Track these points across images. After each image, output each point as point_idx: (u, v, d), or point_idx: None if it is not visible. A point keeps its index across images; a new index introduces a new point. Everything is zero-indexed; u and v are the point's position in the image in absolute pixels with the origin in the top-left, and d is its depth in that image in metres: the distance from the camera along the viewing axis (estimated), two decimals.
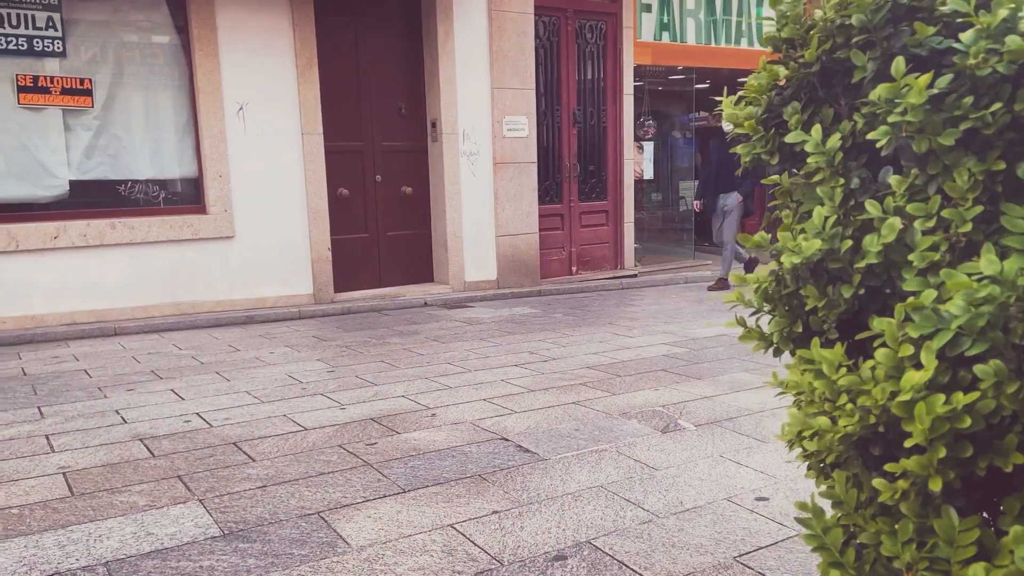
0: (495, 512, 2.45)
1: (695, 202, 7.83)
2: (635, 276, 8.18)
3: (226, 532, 2.34)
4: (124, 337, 5.45)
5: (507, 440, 3.15)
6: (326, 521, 2.41)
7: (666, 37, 8.55)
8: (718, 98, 1.50)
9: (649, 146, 9.18)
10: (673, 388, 3.94)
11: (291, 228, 6.39)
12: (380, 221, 7.05)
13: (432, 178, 7.20)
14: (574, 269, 8.19)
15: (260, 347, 5.12)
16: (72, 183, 5.65)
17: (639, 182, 8.93)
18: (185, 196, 6.09)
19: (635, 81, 8.42)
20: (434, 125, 7.08)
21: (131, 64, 5.80)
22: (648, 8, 8.36)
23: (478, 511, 2.46)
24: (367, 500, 2.56)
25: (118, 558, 2.18)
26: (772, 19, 1.39)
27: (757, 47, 9.21)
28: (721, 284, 7.56)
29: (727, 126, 7.65)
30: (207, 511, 2.49)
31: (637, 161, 8.75)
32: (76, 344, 5.22)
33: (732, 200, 7.36)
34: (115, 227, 5.67)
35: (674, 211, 10.47)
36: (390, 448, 3.08)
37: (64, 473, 2.83)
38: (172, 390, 4.03)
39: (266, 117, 6.19)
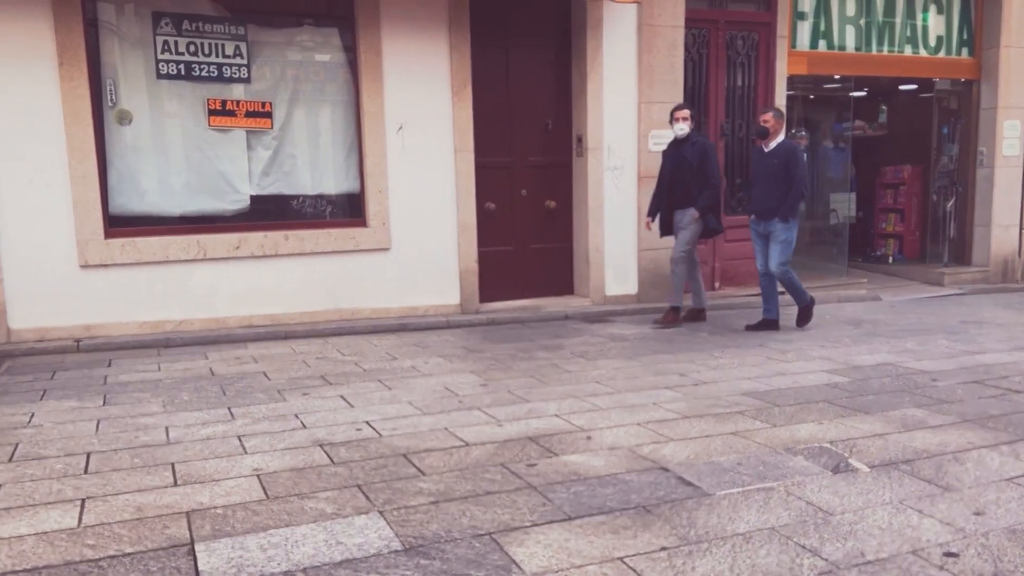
0: (664, 548, 2.45)
1: (646, 219, 6.70)
2: (782, 294, 7.86)
3: (407, 547, 2.48)
4: (294, 340, 5.88)
5: (667, 471, 3.13)
6: (498, 544, 2.50)
7: (822, 45, 8.16)
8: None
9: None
10: (839, 423, 3.77)
11: (441, 241, 6.65)
12: (524, 234, 7.19)
13: (575, 192, 7.26)
14: (717, 285, 7.98)
15: (415, 356, 5.37)
16: (252, 198, 6.18)
17: None
18: (348, 210, 6.49)
19: (787, 91, 8.10)
20: (579, 140, 7.14)
21: (305, 88, 6.26)
22: (804, 16, 8.02)
23: (647, 546, 2.47)
24: (535, 525, 2.64)
25: (314, 565, 2.36)
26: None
27: (923, 53, 8.62)
28: (671, 317, 6.46)
29: (680, 129, 6.99)
30: (387, 523, 2.64)
31: None
32: (253, 346, 5.68)
33: (687, 217, 6.36)
34: (288, 238, 6.13)
35: (824, 224, 9.97)
36: (550, 471, 3.14)
37: (258, 476, 3.09)
38: (341, 396, 4.30)
39: (422, 136, 6.48)
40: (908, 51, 8.61)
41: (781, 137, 6.13)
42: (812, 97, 9.59)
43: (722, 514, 2.71)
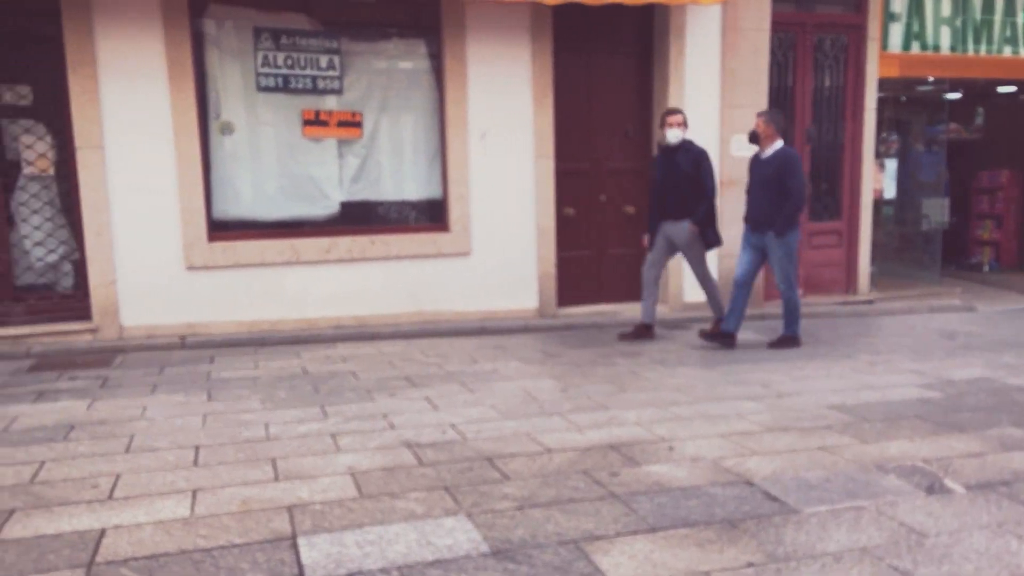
0: (751, 565, 2.46)
1: (644, 237, 6.22)
2: (870, 303, 7.62)
3: (494, 550, 2.57)
4: (379, 341, 6.08)
5: (752, 485, 3.12)
6: (583, 552, 2.56)
7: (916, 47, 7.85)
8: None
9: (892, 163, 8.49)
10: (932, 440, 3.66)
11: (521, 246, 6.75)
12: (602, 239, 7.22)
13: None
14: (800, 292, 7.78)
15: (495, 359, 5.47)
16: (342, 204, 6.43)
17: (877, 201, 8.28)
18: (431, 215, 6.67)
19: (877, 93, 7.84)
20: (660, 147, 7.09)
21: (393, 97, 6.46)
22: (896, 17, 7.73)
23: (733, 562, 2.48)
24: (619, 535, 2.68)
25: (408, 563, 2.48)
26: None
27: (1023, 54, 8.19)
28: (641, 331, 6.06)
29: (673, 136, 6.51)
30: (475, 526, 2.74)
31: (877, 179, 8.12)
32: (342, 346, 5.91)
33: (682, 232, 5.88)
34: (374, 243, 6.35)
35: (915, 231, 9.58)
36: (633, 480, 3.18)
37: (352, 474, 3.25)
38: (426, 398, 4.44)
39: (504, 142, 6.60)
40: (1007, 52, 8.17)
41: (778, 143, 5.62)
42: (904, 99, 9.24)
43: (811, 532, 2.69)
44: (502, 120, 6.58)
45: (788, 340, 5.87)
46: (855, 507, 2.89)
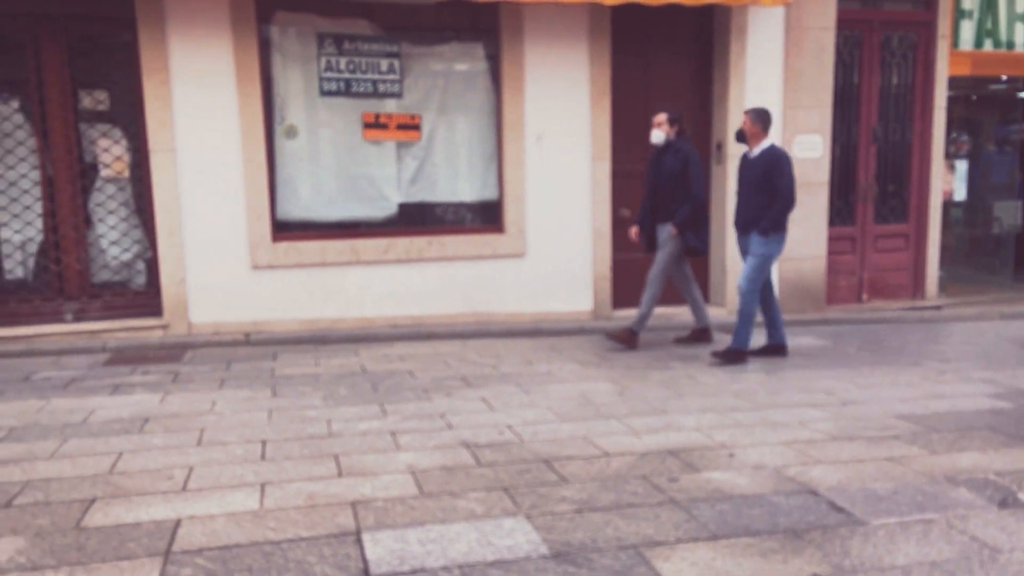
0: None
1: (632, 228, 6.02)
2: (938, 308, 7.37)
3: (554, 553, 2.58)
4: (435, 341, 6.16)
5: (816, 494, 3.06)
6: (644, 557, 2.55)
7: (988, 44, 7.56)
8: None
9: (962, 164, 8.19)
10: (1005, 452, 3.52)
11: (576, 247, 6.74)
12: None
13: (713, 200, 7.13)
14: (864, 297, 7.59)
15: (551, 361, 5.49)
16: (400, 205, 6.53)
17: (946, 203, 8.00)
18: (486, 217, 6.72)
19: (947, 92, 7.57)
20: (719, 147, 7.01)
21: (450, 101, 6.54)
22: (967, 14, 7.46)
23: (798, 573, 2.44)
24: (680, 541, 2.67)
25: (469, 563, 2.51)
26: None
27: None
28: (626, 336, 5.82)
29: (656, 136, 6.13)
30: (534, 528, 2.76)
31: (946, 180, 7.85)
32: (399, 344, 6.01)
33: (665, 233, 5.73)
34: (431, 244, 6.43)
35: (986, 234, 9.21)
36: (693, 487, 3.15)
37: (412, 472, 3.30)
38: (482, 399, 4.49)
39: (560, 144, 6.60)
40: None
41: (767, 142, 5.35)
42: (975, 98, 8.90)
43: (878, 544, 2.63)
44: (558, 122, 6.59)
45: (735, 354, 5.37)
46: (924, 520, 2.81)
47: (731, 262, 7.01)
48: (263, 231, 6.13)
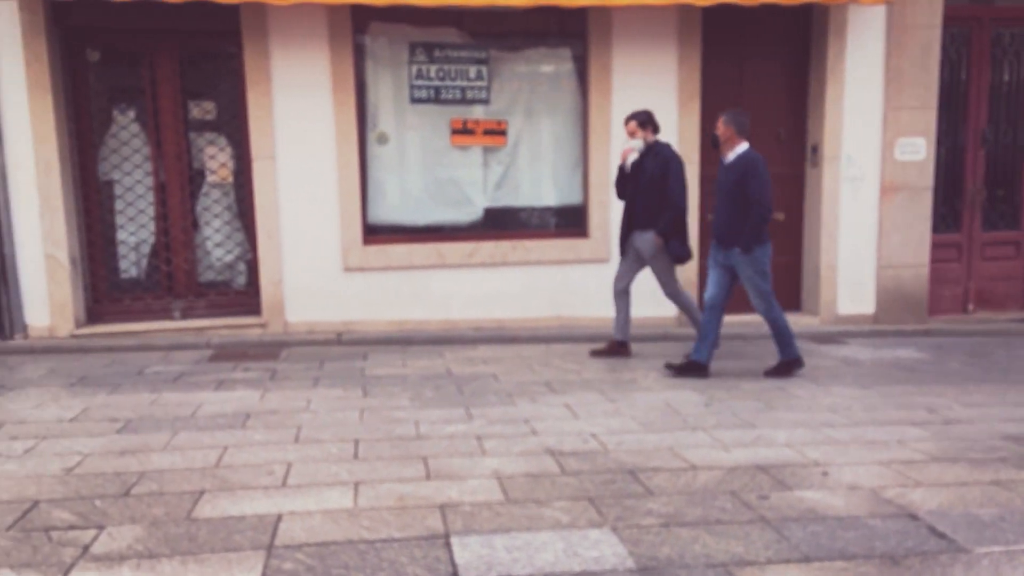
0: None
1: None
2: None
3: (641, 567, 2.57)
4: (518, 345, 6.22)
5: (916, 519, 2.94)
6: None
7: None
8: None
9: None
10: None
11: None
12: None
13: (808, 204, 6.92)
14: (970, 307, 7.18)
15: (634, 368, 5.45)
16: (485, 210, 6.63)
17: None
18: (570, 222, 6.73)
19: None
20: (815, 150, 6.78)
21: (537, 106, 6.59)
22: None
23: None
24: (770, 562, 2.61)
25: (555, 573, 2.53)
26: None
27: None
28: (614, 348, 5.67)
29: (636, 144, 5.39)
30: (620, 541, 2.76)
31: None
32: (483, 347, 6.10)
33: (647, 242, 5.42)
34: (515, 248, 6.50)
35: None
36: (784, 505, 3.08)
37: (497, 477, 3.35)
38: (566, 405, 4.50)
39: None
40: None
41: (741, 147, 5.04)
42: None
43: (981, 574, 2.50)
44: None
45: (788, 365, 5.20)
46: None
47: (825, 270, 6.78)
48: (355, 234, 6.34)
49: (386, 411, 4.33)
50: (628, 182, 5.53)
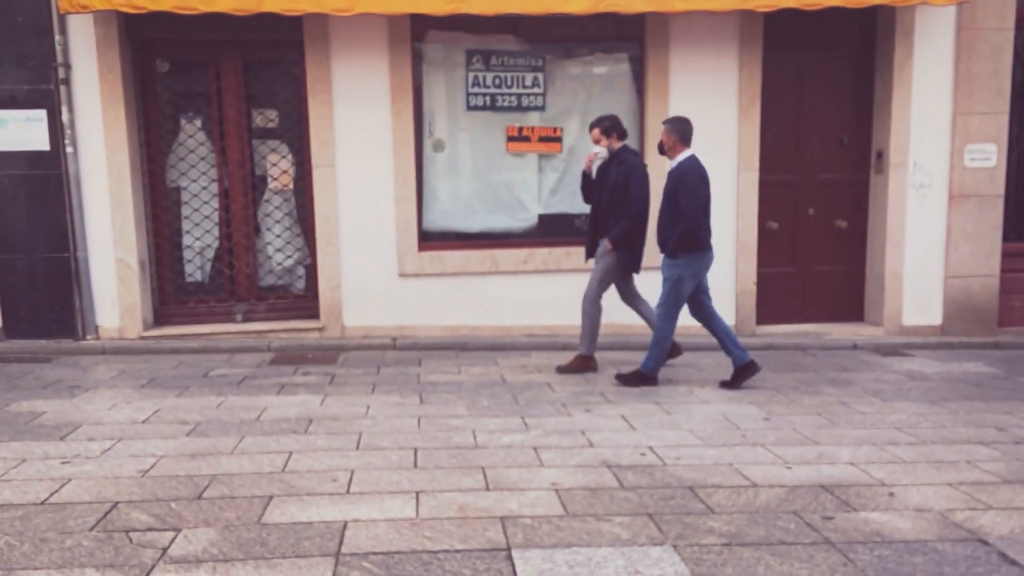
0: None
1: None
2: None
3: None
4: (570, 352, 6.18)
5: (986, 544, 2.85)
6: None
7: None
8: None
9: None
10: None
11: (718, 260, 6.49)
12: (808, 255, 6.85)
13: (871, 212, 6.74)
14: None
15: (690, 379, 5.40)
16: (540, 216, 6.65)
17: None
18: None
19: None
20: (879, 156, 6.61)
21: (593, 112, 6.52)
22: None
23: None
24: None
25: None
26: None
27: None
28: (580, 363, 5.51)
29: (601, 153, 5.26)
30: (682, 559, 2.74)
31: None
32: (535, 354, 6.12)
33: (602, 248, 5.38)
34: (569, 255, 6.50)
35: None
36: (849, 527, 3.02)
37: (556, 490, 3.37)
38: (622, 416, 4.49)
39: (704, 155, 6.37)
40: None
41: (683, 154, 5.01)
42: None
43: None
44: (704, 131, 6.39)
45: (638, 377, 5.14)
46: None
47: (890, 279, 6.60)
48: (410, 241, 6.43)
49: (443, 419, 4.38)
50: (593, 189, 5.48)
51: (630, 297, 5.64)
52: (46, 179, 6.03)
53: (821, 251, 6.83)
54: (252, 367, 5.60)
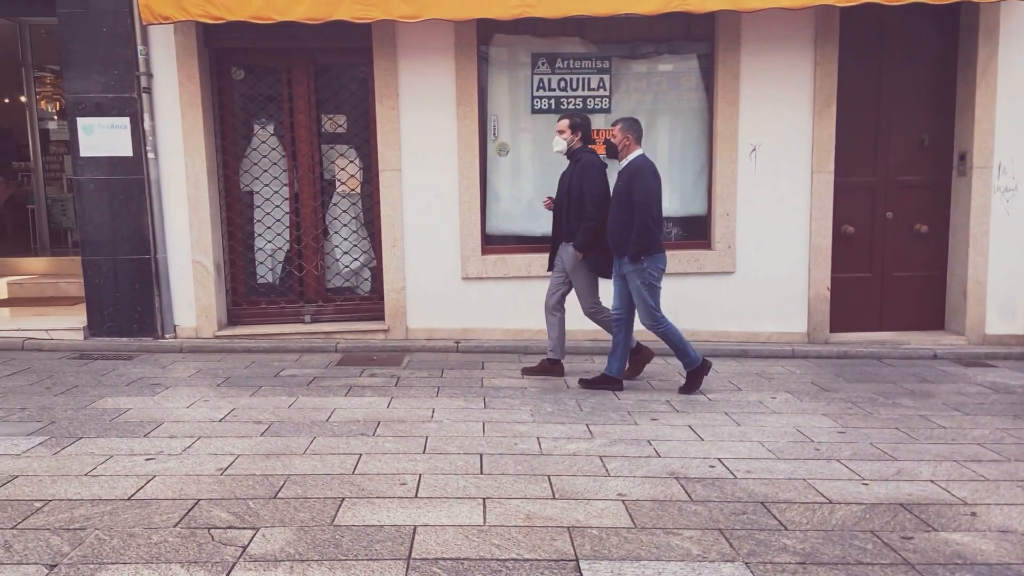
0: None
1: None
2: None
3: None
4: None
5: None
6: None
7: None
8: None
9: None
10: None
11: (790, 265, 6.42)
12: (886, 261, 6.61)
13: (953, 216, 6.47)
14: None
15: (760, 388, 5.28)
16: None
17: None
18: (693, 233, 6.59)
19: None
20: (962, 158, 6.32)
21: (659, 114, 6.49)
22: None
23: None
24: None
25: None
26: None
27: None
28: (545, 366, 5.44)
29: (555, 144, 5.01)
30: None
31: None
32: (598, 359, 6.02)
33: (569, 255, 5.20)
34: None
35: None
36: (929, 548, 2.90)
37: (623, 501, 3.33)
38: (689, 426, 4.42)
39: (776, 157, 6.31)
40: None
41: (634, 153, 4.90)
42: None
43: None
44: (776, 133, 6.30)
45: (696, 374, 5.11)
46: None
47: (973, 286, 6.32)
48: (474, 244, 6.47)
49: (507, 424, 4.39)
50: (558, 193, 5.36)
51: (557, 299, 5.47)
52: (129, 184, 6.30)
53: (900, 256, 6.59)
54: (320, 368, 5.73)
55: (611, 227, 5.00)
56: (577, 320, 5.63)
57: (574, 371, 5.60)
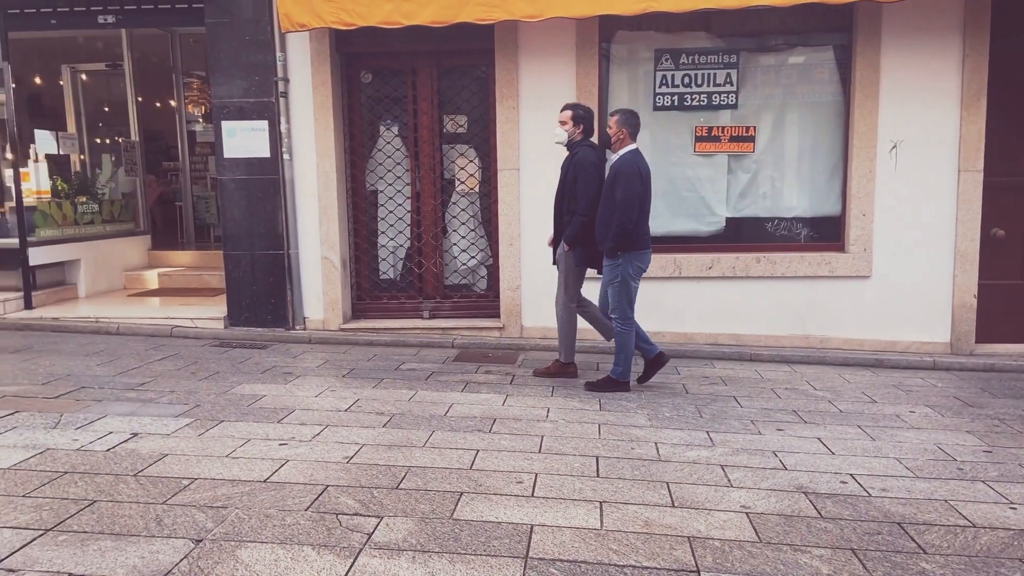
0: None
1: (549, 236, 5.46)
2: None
3: None
4: (758, 364, 5.92)
5: None
6: None
7: None
8: None
9: None
10: None
11: (932, 270, 5.98)
12: None
13: None
14: None
15: (897, 401, 4.94)
16: (727, 220, 6.39)
17: None
18: (824, 234, 6.27)
19: None
20: None
21: (790, 110, 6.21)
22: None
23: None
24: None
25: None
26: None
27: None
28: (558, 368, 5.35)
29: (557, 136, 4.82)
30: None
31: None
32: (719, 364, 5.89)
33: (561, 250, 5.15)
34: (759, 261, 6.18)
35: None
36: None
37: (747, 513, 3.21)
38: (818, 439, 4.19)
39: (918, 154, 5.89)
40: None
41: (630, 147, 4.83)
42: None
43: None
44: (918, 129, 5.88)
45: (609, 383, 5.05)
46: None
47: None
48: None
49: (623, 428, 4.33)
50: (559, 185, 5.28)
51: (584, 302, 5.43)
52: (265, 183, 6.69)
53: None
54: (438, 363, 5.86)
55: (598, 220, 4.99)
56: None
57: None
